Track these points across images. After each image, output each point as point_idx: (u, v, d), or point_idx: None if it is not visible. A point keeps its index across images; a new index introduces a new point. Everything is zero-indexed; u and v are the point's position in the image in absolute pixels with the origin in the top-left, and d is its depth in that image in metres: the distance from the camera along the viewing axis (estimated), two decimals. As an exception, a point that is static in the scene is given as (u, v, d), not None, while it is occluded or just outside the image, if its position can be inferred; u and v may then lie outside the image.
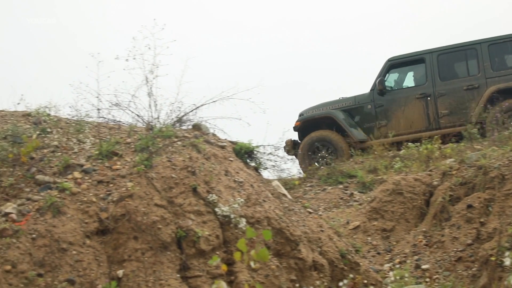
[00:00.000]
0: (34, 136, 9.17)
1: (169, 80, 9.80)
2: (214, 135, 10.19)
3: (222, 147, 9.75)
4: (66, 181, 8.45)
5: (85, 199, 8.31)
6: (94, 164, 8.86)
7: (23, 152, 8.80)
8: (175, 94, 9.90)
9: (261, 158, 10.26)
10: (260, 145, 10.28)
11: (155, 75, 9.56)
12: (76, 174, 8.64)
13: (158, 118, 9.87)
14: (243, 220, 8.73)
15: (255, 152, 10.12)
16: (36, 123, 9.80)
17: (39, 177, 8.54)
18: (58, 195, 8.22)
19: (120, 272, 7.96)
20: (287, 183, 12.81)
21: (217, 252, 8.46)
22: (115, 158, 8.95)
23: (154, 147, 8.99)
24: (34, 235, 7.76)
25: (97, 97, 9.72)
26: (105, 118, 10.12)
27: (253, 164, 10.14)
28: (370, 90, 13.07)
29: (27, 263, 7.55)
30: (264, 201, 9.25)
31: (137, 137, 9.39)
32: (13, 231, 7.69)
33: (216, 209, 8.67)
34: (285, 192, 10.32)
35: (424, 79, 12.70)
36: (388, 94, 12.82)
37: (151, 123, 9.77)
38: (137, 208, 8.27)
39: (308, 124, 12.75)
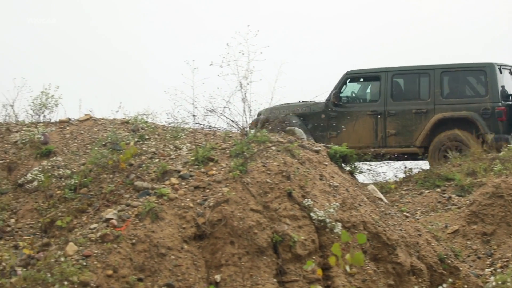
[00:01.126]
0: (132, 143, 9.38)
1: (263, 86, 9.83)
2: (308, 139, 10.17)
3: (317, 152, 9.72)
4: (163, 187, 8.60)
5: (182, 204, 8.44)
6: (190, 170, 8.98)
7: (122, 159, 9.01)
8: (269, 99, 9.93)
9: (356, 162, 10.17)
10: (354, 150, 10.20)
11: (249, 80, 9.61)
12: (173, 180, 8.78)
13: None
14: (339, 224, 8.68)
15: (349, 156, 10.04)
16: (134, 130, 10.03)
17: (138, 183, 8.72)
18: (156, 201, 8.37)
19: (217, 277, 8.04)
20: (383, 187, 12.66)
21: (313, 257, 8.44)
22: (211, 163, 9.05)
23: (249, 152, 9.04)
24: (134, 240, 7.93)
25: (193, 103, 9.85)
26: (200, 124, 10.25)
27: (348, 168, 10.06)
28: (326, 100, 12.99)
29: (127, 267, 7.72)
30: (360, 205, 9.16)
31: (232, 142, 9.46)
32: (114, 236, 7.88)
33: (312, 214, 8.65)
34: (381, 196, 10.20)
35: (378, 97, 12.68)
36: (341, 107, 12.85)
37: (245, 129, 9.83)
38: (233, 213, 8.33)
39: (263, 124, 12.55)
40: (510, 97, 12.60)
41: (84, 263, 7.58)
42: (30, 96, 10.52)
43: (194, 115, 10.07)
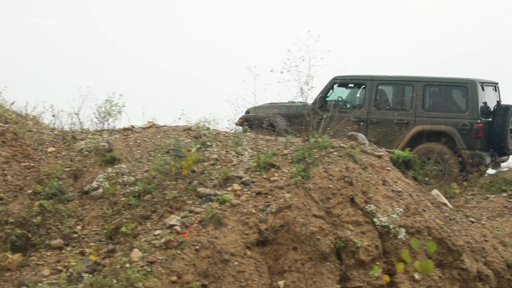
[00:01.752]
0: (194, 149, 9.45)
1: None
2: (370, 144, 10.10)
3: (379, 157, 9.64)
4: (226, 193, 8.64)
5: (244, 210, 8.46)
6: (252, 176, 9.00)
7: (184, 166, 9.08)
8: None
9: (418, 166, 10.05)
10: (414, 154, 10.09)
11: (310, 86, 9.59)
12: (236, 186, 8.81)
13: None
14: (403, 230, 8.59)
15: (412, 161, 9.93)
16: (197, 137, 10.11)
17: (201, 189, 8.78)
18: (219, 207, 8.41)
19: (281, 283, 8.03)
20: (447, 192, 12.49)
21: (377, 263, 8.37)
22: (273, 169, 9.06)
23: (311, 158, 9.02)
24: (197, 247, 7.98)
25: (254, 110, 9.87)
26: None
27: (411, 173, 9.95)
28: (312, 103, 12.94)
29: (191, 274, 7.77)
30: (424, 210, 9.05)
31: (293, 148, 9.46)
32: (177, 242, 7.95)
33: (375, 219, 8.58)
34: (445, 201, 10.06)
35: (362, 104, 12.87)
36: (326, 110, 12.67)
37: (306, 134, 9.82)
38: (295, 219, 8.32)
39: (250, 122, 12.72)
40: (493, 113, 12.61)
41: (149, 269, 7.66)
42: (95, 104, 10.71)
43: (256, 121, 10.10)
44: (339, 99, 13.31)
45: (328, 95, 13.19)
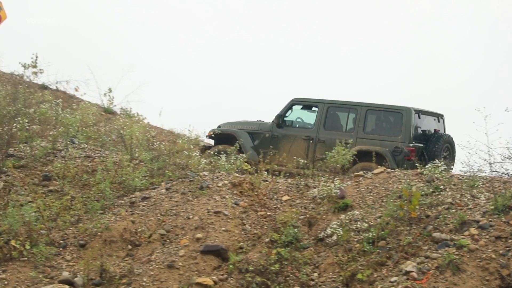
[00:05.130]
0: (414, 188, 9.36)
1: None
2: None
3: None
4: (463, 238, 8.41)
5: (483, 255, 8.17)
6: (490, 219, 8.69)
7: (410, 208, 9.01)
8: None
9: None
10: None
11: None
12: (473, 231, 8.55)
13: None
14: None
15: None
16: (429, 181, 9.95)
17: (436, 234, 8.62)
18: (456, 253, 8.19)
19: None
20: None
21: None
22: (512, 212, 8.69)
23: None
24: (435, 294, 7.80)
25: (488, 151, 9.59)
26: (498, 172, 9.92)
27: None
28: (272, 122, 14.52)
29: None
30: None
31: (533, 189, 9.02)
32: (416, 290, 7.84)
33: None
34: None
35: (313, 124, 14.25)
36: (283, 129, 14.41)
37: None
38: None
39: (218, 136, 14.43)
40: (428, 140, 13.55)
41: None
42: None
43: (490, 163, 9.79)
44: (297, 119, 14.72)
45: (287, 115, 14.55)
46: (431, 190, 9.67)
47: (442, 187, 9.72)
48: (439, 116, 14.23)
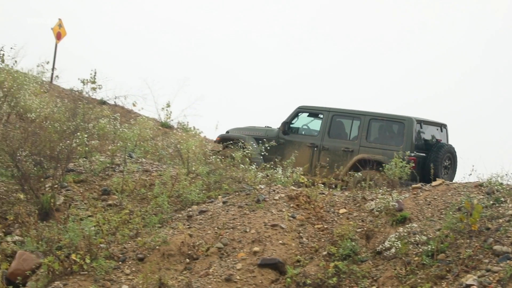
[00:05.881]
0: (475, 201, 9.23)
1: None
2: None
3: None
4: (525, 251, 8.26)
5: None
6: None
7: (471, 221, 8.89)
8: None
9: None
10: None
11: None
12: (534, 243, 8.40)
13: None
14: None
15: None
16: (489, 193, 9.80)
17: (497, 247, 8.49)
18: (518, 266, 8.04)
19: None
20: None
21: None
22: None
23: None
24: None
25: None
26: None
27: None
28: (278, 128, 14.80)
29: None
30: None
31: None
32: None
33: None
34: None
35: (317, 132, 14.53)
36: (289, 136, 14.66)
37: None
38: None
39: (226, 140, 14.73)
40: (430, 149, 13.62)
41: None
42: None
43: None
44: (304, 126, 15.01)
45: (293, 122, 14.86)
46: (491, 202, 9.51)
47: (502, 199, 9.55)
48: (442, 126, 14.37)
